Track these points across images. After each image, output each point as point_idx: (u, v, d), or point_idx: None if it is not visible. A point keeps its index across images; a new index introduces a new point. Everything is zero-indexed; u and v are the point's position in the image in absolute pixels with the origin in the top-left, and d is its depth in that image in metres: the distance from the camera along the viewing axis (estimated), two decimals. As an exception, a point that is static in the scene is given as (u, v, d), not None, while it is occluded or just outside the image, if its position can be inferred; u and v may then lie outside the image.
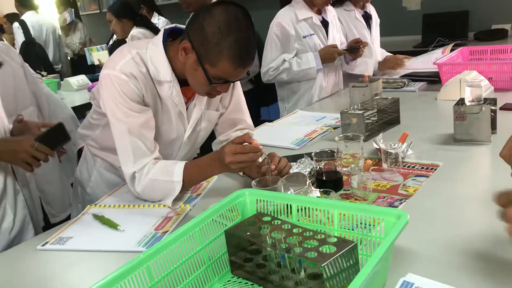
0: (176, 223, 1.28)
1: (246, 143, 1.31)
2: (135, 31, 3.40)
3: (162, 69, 1.40)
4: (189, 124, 1.54)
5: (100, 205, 1.47)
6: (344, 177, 1.39)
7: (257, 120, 3.03)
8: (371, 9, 2.93)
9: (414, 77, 2.64)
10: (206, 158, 1.42)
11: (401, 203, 1.23)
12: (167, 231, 1.24)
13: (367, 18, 2.87)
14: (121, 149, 1.41)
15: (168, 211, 1.36)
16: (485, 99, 1.61)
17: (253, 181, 1.25)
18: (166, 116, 1.48)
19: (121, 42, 3.59)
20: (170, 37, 1.45)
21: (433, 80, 2.52)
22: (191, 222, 0.97)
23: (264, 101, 3.47)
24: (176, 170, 1.39)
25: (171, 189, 1.38)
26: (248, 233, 0.96)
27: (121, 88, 1.35)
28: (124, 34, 3.50)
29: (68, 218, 1.94)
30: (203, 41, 1.28)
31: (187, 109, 1.52)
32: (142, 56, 1.39)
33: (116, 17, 3.50)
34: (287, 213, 1.04)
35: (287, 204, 1.04)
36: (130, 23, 3.49)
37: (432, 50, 3.79)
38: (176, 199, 1.40)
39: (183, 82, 1.44)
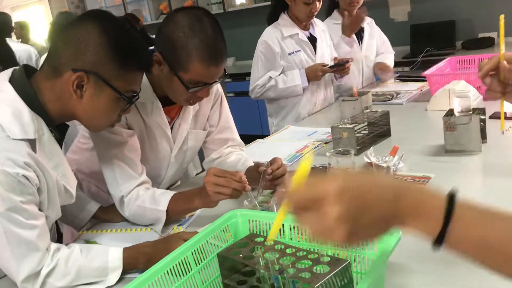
0: (169, 246, 1.26)
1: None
2: None
3: (143, 90, 1.40)
4: (175, 144, 1.54)
5: (93, 230, 1.46)
6: (337, 193, 1.39)
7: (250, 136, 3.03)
8: (363, 22, 2.90)
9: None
10: (193, 189, 1.40)
11: (394, 217, 1.22)
12: (160, 254, 1.22)
13: (358, 31, 2.88)
14: (107, 173, 1.40)
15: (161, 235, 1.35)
16: (474, 109, 1.62)
17: (245, 201, 1.25)
18: (151, 138, 1.49)
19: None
20: None
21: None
22: (183, 245, 0.96)
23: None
24: (163, 199, 1.37)
25: (156, 217, 1.37)
26: (241, 255, 0.95)
27: None
28: None
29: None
30: (171, 49, 1.29)
31: (171, 128, 1.52)
32: None
33: None
34: (280, 232, 1.04)
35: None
36: None
37: (421, 59, 3.86)
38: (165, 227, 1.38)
39: (165, 102, 1.45)
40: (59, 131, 1.18)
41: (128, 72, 1.15)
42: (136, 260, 1.15)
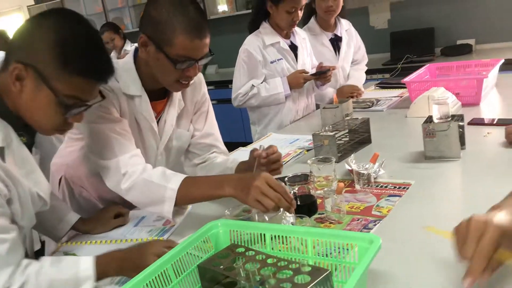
0: (149, 257, 1.25)
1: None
2: None
3: (132, 83, 1.44)
4: (161, 140, 1.56)
5: (72, 242, 1.44)
6: (319, 200, 1.39)
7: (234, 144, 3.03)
8: (342, 31, 2.91)
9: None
10: (224, 175, 1.41)
11: (375, 225, 1.23)
12: (141, 266, 1.21)
13: (336, 40, 2.90)
14: (101, 143, 1.38)
15: (142, 245, 1.33)
16: (453, 116, 1.65)
17: (226, 210, 1.24)
18: (138, 133, 1.50)
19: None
20: None
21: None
22: (164, 257, 0.95)
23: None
24: (174, 178, 1.34)
25: (162, 196, 1.32)
26: (221, 266, 0.95)
27: None
28: None
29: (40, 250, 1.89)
30: (155, 26, 1.33)
31: (158, 124, 1.53)
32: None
33: None
34: (262, 242, 1.03)
35: (261, 233, 1.03)
36: None
37: (401, 66, 3.90)
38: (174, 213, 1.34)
39: (151, 97, 1.47)
40: (29, 134, 1.14)
41: (72, 77, 1.06)
42: (108, 266, 1.11)
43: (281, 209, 1.24)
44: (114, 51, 5.07)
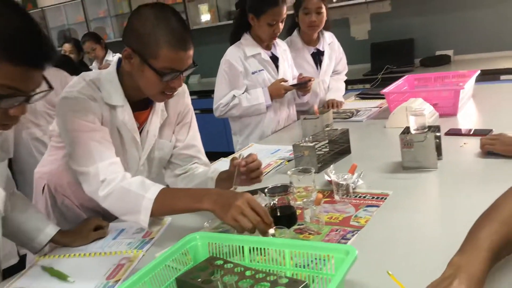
0: (128, 270, 1.24)
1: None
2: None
3: (114, 93, 1.44)
4: (143, 150, 1.56)
5: (49, 256, 1.42)
6: (299, 211, 1.40)
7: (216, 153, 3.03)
8: (325, 45, 2.93)
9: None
10: (204, 189, 1.41)
11: (353, 235, 1.24)
12: (119, 279, 1.20)
13: (318, 54, 2.92)
14: (80, 149, 1.37)
15: (121, 258, 1.32)
16: (429, 127, 1.68)
17: (205, 223, 1.24)
18: (120, 143, 1.50)
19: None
20: None
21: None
22: (142, 270, 0.95)
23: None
24: (153, 187, 1.34)
25: (139, 205, 1.31)
26: (199, 279, 0.95)
27: (81, 104, 1.39)
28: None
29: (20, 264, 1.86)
30: (139, 39, 1.34)
31: (140, 135, 1.53)
32: (95, 83, 1.44)
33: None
34: (240, 254, 1.04)
35: (239, 246, 1.04)
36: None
37: (381, 76, 3.95)
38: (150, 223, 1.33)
39: (134, 108, 1.48)
40: None
41: (0, 63, 0.96)
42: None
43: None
44: (95, 61, 5.05)
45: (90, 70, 3.84)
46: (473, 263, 0.82)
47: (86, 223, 1.53)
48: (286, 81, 2.55)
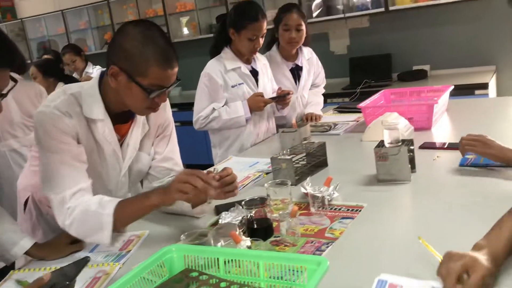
0: (105, 283, 1.24)
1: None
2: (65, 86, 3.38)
3: (95, 107, 1.45)
4: (124, 162, 1.57)
5: (25, 269, 1.41)
6: (275, 223, 1.42)
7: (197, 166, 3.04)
8: (303, 60, 2.96)
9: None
10: (150, 190, 1.44)
11: (328, 247, 1.27)
12: (95, 292, 1.20)
13: (297, 70, 2.95)
14: (49, 175, 1.40)
15: (97, 271, 1.32)
16: (403, 140, 1.72)
17: (182, 235, 1.25)
18: (101, 156, 1.51)
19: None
20: None
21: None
22: (117, 282, 0.95)
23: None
24: (110, 204, 1.37)
25: (100, 223, 1.35)
26: (174, 291, 0.96)
27: (55, 122, 1.39)
28: (48, 92, 3.47)
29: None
30: (127, 57, 1.36)
31: (121, 147, 1.55)
32: (76, 97, 1.45)
33: (42, 74, 3.46)
34: (216, 266, 1.05)
35: (214, 258, 1.05)
36: (55, 81, 3.45)
37: (360, 90, 4.01)
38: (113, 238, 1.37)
39: (115, 120, 1.49)
40: None
41: None
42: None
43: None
44: (75, 73, 5.03)
45: (78, 81, 3.81)
46: (495, 246, 1.00)
47: (63, 236, 1.52)
48: (262, 95, 2.57)
